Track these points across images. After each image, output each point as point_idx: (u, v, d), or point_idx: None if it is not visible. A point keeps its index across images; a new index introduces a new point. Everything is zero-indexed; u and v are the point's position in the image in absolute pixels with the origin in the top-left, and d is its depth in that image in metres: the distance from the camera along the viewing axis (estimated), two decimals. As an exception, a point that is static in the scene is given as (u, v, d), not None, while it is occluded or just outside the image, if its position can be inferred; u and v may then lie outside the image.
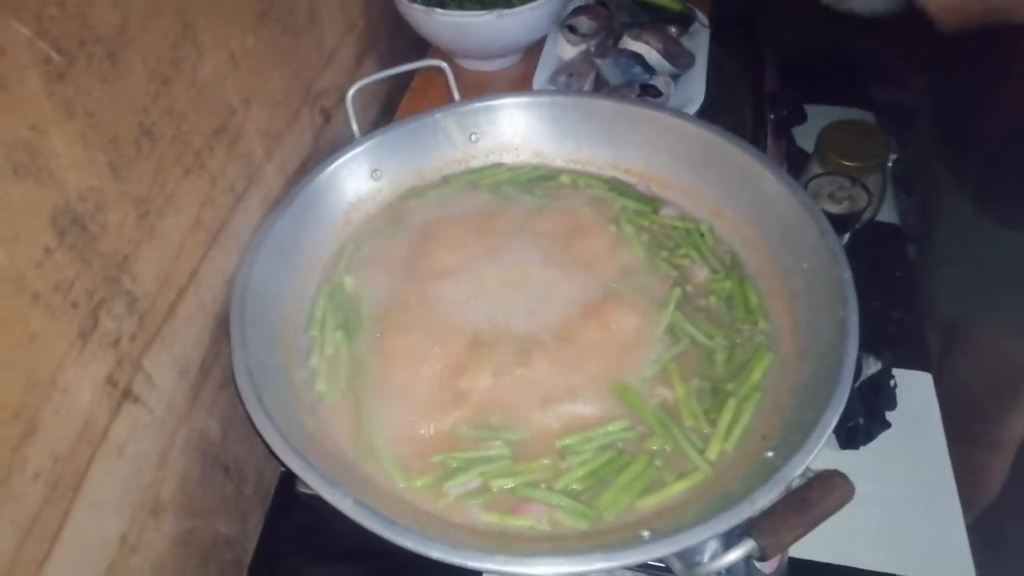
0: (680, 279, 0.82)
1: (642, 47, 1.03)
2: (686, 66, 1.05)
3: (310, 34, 0.88)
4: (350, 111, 0.87)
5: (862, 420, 0.86)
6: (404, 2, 1.04)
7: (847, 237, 0.98)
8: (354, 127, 0.87)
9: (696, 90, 1.01)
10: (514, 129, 0.94)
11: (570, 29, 1.08)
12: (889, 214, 1.14)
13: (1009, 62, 0.92)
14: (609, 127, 0.92)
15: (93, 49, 0.53)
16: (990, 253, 1.05)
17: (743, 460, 0.66)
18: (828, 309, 0.71)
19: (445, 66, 0.92)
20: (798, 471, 0.58)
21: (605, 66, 1.02)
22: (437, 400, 0.72)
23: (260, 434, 0.62)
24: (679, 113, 0.92)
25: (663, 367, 0.74)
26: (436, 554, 0.55)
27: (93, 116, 0.54)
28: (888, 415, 0.88)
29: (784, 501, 0.58)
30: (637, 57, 1.02)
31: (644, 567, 0.67)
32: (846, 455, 0.86)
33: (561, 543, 0.62)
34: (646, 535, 0.59)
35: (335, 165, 0.84)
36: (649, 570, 0.68)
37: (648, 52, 1.03)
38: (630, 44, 1.04)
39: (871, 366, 0.88)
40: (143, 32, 0.58)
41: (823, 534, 0.59)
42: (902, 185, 1.18)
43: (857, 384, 0.87)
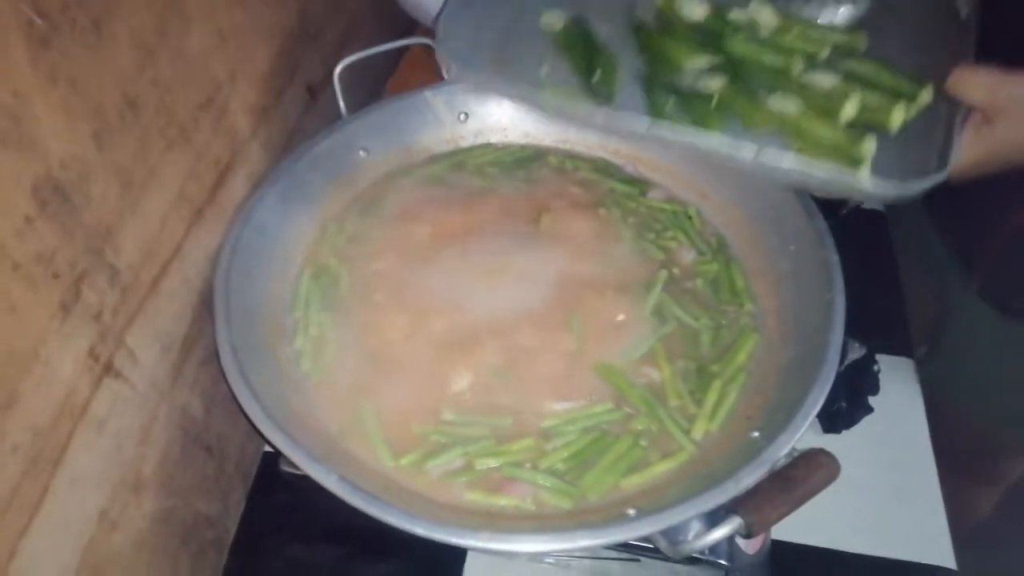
0: (667, 261, 0.82)
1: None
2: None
3: (298, 10, 0.87)
4: (337, 89, 0.86)
5: (845, 404, 0.86)
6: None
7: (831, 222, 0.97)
8: (341, 105, 0.86)
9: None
10: (503, 109, 0.93)
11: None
12: (874, 200, 1.14)
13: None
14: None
15: (76, 14, 0.52)
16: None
17: (728, 440, 0.67)
18: (814, 292, 0.71)
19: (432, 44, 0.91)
20: (783, 451, 0.59)
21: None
22: (423, 381, 0.71)
23: (244, 411, 0.62)
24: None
25: (649, 348, 0.74)
26: (421, 530, 0.55)
27: (77, 84, 0.52)
28: (870, 400, 0.88)
29: (769, 480, 0.58)
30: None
31: (629, 546, 0.67)
32: (828, 439, 0.87)
33: (546, 521, 0.62)
34: (631, 513, 0.58)
35: (322, 143, 0.83)
36: (634, 550, 0.68)
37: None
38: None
39: (855, 351, 0.88)
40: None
41: (805, 516, 0.60)
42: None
43: (842, 368, 0.87)
